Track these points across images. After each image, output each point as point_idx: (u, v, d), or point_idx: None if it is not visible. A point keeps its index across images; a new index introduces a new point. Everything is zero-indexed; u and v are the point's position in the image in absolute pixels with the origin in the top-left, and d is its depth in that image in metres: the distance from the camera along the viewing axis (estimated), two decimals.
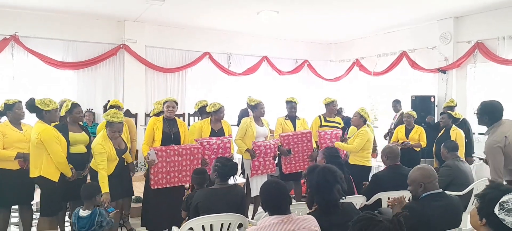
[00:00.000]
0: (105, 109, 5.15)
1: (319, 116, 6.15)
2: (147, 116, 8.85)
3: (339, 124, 6.17)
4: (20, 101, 4.31)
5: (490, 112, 3.77)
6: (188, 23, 8.86)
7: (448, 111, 6.52)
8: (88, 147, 4.51)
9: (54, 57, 7.99)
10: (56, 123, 4.34)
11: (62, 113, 4.51)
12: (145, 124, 8.53)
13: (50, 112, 4.10)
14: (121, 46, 8.59)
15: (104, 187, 3.92)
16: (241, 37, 9.99)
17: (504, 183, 3.51)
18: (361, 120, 5.45)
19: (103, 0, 7.16)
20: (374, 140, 6.19)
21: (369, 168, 5.50)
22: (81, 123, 4.77)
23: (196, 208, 3.35)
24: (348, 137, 5.71)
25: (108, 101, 5.26)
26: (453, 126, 6.29)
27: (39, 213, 5.28)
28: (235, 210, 3.32)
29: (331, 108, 6.12)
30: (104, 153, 4.08)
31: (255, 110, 5.48)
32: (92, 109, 8.19)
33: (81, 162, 4.45)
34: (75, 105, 4.53)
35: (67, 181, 4.19)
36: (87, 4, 7.43)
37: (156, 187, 4.56)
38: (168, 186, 4.64)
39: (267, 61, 10.36)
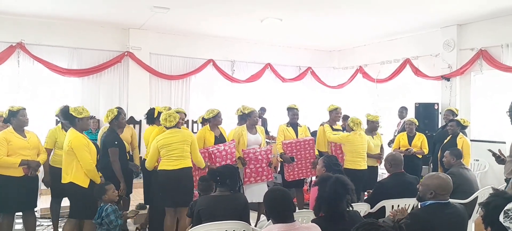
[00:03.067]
0: (148, 117, 5.36)
1: (323, 125, 6.11)
2: None
3: (342, 131, 6.19)
4: (24, 108, 4.35)
5: None
6: (192, 30, 8.92)
7: (457, 118, 6.49)
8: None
9: (59, 64, 8.04)
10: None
11: (107, 120, 4.73)
12: None
13: (82, 120, 4.17)
14: (126, 53, 8.65)
15: None
16: (244, 44, 10.04)
17: None
18: (349, 127, 5.75)
19: (108, 7, 7.22)
20: (381, 146, 6.19)
21: (361, 171, 5.50)
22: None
23: (199, 215, 3.35)
24: None
25: (152, 109, 5.38)
26: (460, 133, 6.25)
27: (42, 219, 5.33)
28: (238, 217, 3.31)
29: (335, 115, 6.13)
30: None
31: (248, 118, 5.48)
32: (95, 116, 8.22)
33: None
34: (120, 111, 4.86)
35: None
36: (92, 12, 7.50)
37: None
38: None
39: (271, 69, 10.40)
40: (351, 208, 2.87)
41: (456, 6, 6.96)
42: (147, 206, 5.32)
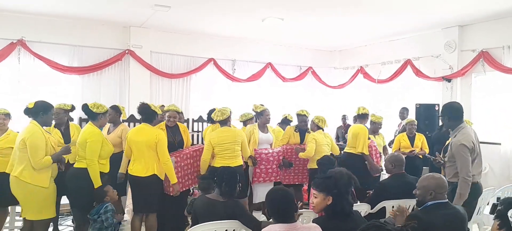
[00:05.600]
0: (208, 117, 5.49)
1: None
2: None
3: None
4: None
5: (450, 113, 3.96)
6: (193, 29, 8.90)
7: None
8: None
9: (60, 61, 8.03)
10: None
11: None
12: None
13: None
14: (127, 51, 8.64)
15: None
16: (245, 43, 10.03)
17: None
18: (313, 124, 5.59)
19: (109, 5, 7.21)
20: (385, 147, 6.17)
21: None
22: None
23: (196, 217, 3.33)
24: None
25: (212, 110, 5.46)
26: None
27: None
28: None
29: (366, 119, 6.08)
30: None
31: (260, 117, 5.51)
32: None
33: None
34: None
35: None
36: (93, 10, 7.49)
37: (173, 194, 4.47)
38: (183, 189, 4.66)
39: (272, 68, 10.39)
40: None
41: (457, 7, 6.96)
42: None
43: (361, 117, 6.02)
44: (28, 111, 3.99)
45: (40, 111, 3.95)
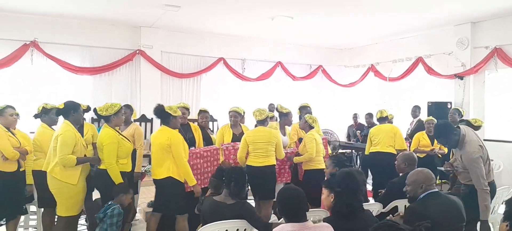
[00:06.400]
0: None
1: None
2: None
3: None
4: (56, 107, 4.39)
5: (443, 134, 3.92)
6: (203, 28, 8.93)
7: (467, 119, 6.33)
8: None
9: (72, 62, 8.13)
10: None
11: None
12: None
13: (176, 118, 4.28)
14: (137, 51, 8.70)
15: None
16: (255, 42, 10.03)
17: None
18: (306, 124, 5.34)
19: (119, 6, 7.26)
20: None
21: (322, 171, 5.13)
22: None
23: (204, 218, 3.32)
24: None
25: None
26: None
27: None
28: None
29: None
30: None
31: (284, 117, 5.48)
32: None
33: None
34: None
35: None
36: (105, 11, 7.56)
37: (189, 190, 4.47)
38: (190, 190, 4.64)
39: (281, 67, 10.38)
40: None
41: (469, 3, 6.87)
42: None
43: (383, 120, 6.26)
44: (59, 112, 4.12)
45: (70, 111, 4.06)
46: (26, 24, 7.71)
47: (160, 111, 4.27)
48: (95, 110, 4.20)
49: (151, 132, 8.76)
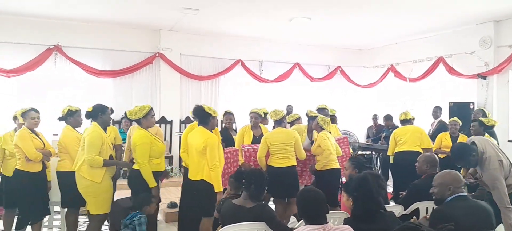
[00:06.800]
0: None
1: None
2: (182, 122, 9.04)
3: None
4: (80, 110, 4.51)
5: (461, 158, 3.84)
6: (221, 31, 8.99)
7: (480, 118, 6.15)
8: None
9: (93, 65, 8.31)
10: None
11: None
12: (180, 131, 8.71)
13: (214, 119, 4.31)
14: (157, 54, 8.83)
15: None
16: (273, 44, 10.04)
17: None
18: (318, 126, 5.20)
19: (139, 10, 7.38)
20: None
21: (338, 170, 5.14)
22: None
23: (223, 220, 3.32)
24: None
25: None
26: (486, 134, 5.92)
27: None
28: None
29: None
30: None
31: (312, 121, 5.45)
32: None
33: None
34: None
35: None
36: (125, 15, 7.70)
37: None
38: None
39: (299, 68, 10.35)
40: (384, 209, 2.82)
41: (492, 2, 6.71)
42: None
43: (407, 122, 6.26)
44: (88, 115, 4.29)
45: (98, 113, 4.23)
46: (50, 29, 7.93)
47: (200, 111, 4.27)
48: (124, 115, 4.30)
49: (171, 133, 8.88)
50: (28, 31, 7.75)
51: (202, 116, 4.24)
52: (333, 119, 6.46)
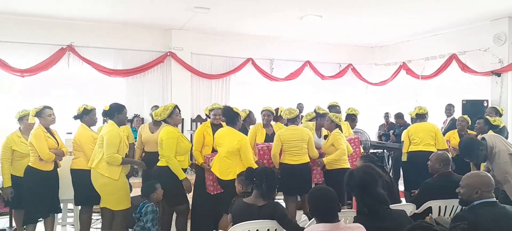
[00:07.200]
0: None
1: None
2: (193, 121, 9.08)
3: None
4: (95, 109, 4.58)
5: (467, 154, 3.81)
6: (232, 30, 9.01)
7: (486, 116, 5.96)
8: None
9: (105, 65, 8.39)
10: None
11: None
12: (191, 129, 8.75)
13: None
14: (168, 53, 8.88)
15: None
16: (283, 42, 10.02)
17: None
18: (332, 124, 5.10)
19: (150, 10, 7.42)
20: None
21: (348, 170, 5.09)
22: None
23: (234, 218, 3.31)
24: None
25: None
26: (490, 131, 5.80)
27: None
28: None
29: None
30: None
31: (321, 119, 5.44)
32: (139, 115, 8.53)
33: None
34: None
35: None
36: (136, 15, 7.76)
37: (216, 193, 4.58)
38: (216, 192, 4.68)
39: (310, 66, 10.32)
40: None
41: None
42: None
43: (422, 117, 6.06)
44: (105, 114, 4.38)
45: (115, 112, 4.34)
46: (63, 29, 8.02)
47: (228, 111, 4.43)
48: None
49: (182, 131, 8.89)
50: (42, 31, 7.85)
51: (231, 116, 4.39)
52: (354, 118, 6.33)
